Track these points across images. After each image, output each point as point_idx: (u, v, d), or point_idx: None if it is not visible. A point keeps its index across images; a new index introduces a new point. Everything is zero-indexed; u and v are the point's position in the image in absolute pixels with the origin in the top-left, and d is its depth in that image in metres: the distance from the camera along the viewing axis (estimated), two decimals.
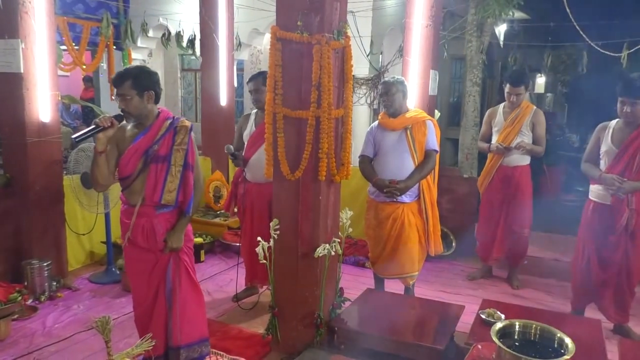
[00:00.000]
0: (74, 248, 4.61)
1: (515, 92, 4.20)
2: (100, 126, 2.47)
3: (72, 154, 4.27)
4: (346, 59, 3.01)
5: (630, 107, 3.22)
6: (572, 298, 3.71)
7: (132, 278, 2.77)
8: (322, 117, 2.86)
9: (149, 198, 2.58)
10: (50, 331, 3.50)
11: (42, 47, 3.97)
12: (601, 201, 3.46)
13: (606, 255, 3.44)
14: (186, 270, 2.71)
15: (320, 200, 3.00)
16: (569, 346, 2.18)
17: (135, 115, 2.57)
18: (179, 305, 2.66)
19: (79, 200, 4.26)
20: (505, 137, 4.26)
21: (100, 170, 2.55)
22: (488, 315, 3.02)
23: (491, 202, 4.44)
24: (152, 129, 2.60)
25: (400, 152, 3.52)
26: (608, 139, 3.43)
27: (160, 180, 2.57)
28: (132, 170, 2.57)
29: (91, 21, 6.96)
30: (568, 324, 2.93)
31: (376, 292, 3.71)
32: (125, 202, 2.66)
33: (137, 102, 2.54)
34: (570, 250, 5.01)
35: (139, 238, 2.62)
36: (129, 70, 2.58)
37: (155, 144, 2.57)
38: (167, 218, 2.63)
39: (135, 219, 2.58)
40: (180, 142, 2.59)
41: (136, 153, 2.57)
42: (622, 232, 3.37)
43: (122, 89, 2.52)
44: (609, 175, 3.33)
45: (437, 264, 4.87)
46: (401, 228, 3.55)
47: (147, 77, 2.57)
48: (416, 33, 4.62)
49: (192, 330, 2.73)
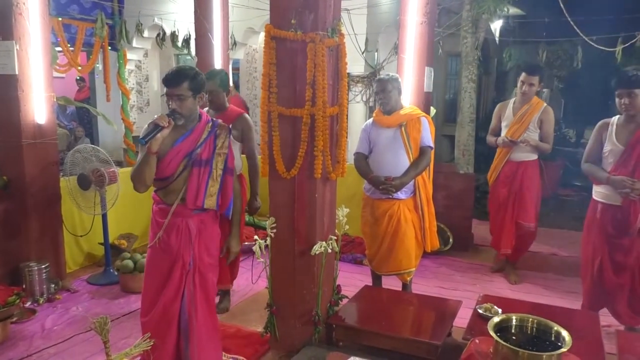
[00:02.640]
0: (71, 250, 4.61)
1: (529, 80, 4.21)
2: (159, 126, 2.42)
3: (69, 155, 4.27)
4: (340, 57, 3.01)
5: (628, 98, 3.16)
6: (584, 302, 3.55)
7: (146, 281, 2.67)
8: (317, 115, 2.87)
9: (192, 202, 2.55)
10: (49, 333, 3.50)
11: (37, 49, 3.97)
12: (610, 202, 3.29)
13: (620, 259, 3.30)
14: (204, 293, 2.62)
15: (317, 198, 3.01)
16: (566, 339, 2.20)
17: (187, 117, 2.53)
18: (196, 334, 2.58)
19: (76, 202, 4.26)
20: (514, 133, 4.29)
21: (150, 170, 2.48)
22: (485, 310, 3.03)
23: (498, 196, 4.47)
24: (195, 131, 2.57)
25: (396, 149, 3.53)
26: (612, 137, 3.29)
27: (202, 185, 2.55)
28: (172, 171, 2.53)
29: (86, 22, 6.95)
30: (565, 317, 2.95)
31: (373, 289, 3.72)
32: (160, 201, 2.60)
33: (190, 104, 2.50)
34: (568, 245, 5.07)
35: (172, 238, 2.56)
36: (185, 70, 2.52)
37: (198, 148, 2.55)
38: (202, 219, 2.61)
39: (170, 218, 2.55)
40: (221, 146, 2.59)
41: (178, 155, 2.53)
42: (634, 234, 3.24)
43: (179, 89, 2.46)
44: (619, 178, 3.18)
45: (434, 260, 4.89)
46: (397, 224, 3.56)
47: (202, 79, 2.55)
48: (411, 30, 4.62)
49: (211, 356, 2.68)
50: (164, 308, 2.55)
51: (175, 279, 2.56)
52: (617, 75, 3.26)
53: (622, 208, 3.25)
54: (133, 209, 5.01)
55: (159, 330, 2.51)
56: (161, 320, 2.56)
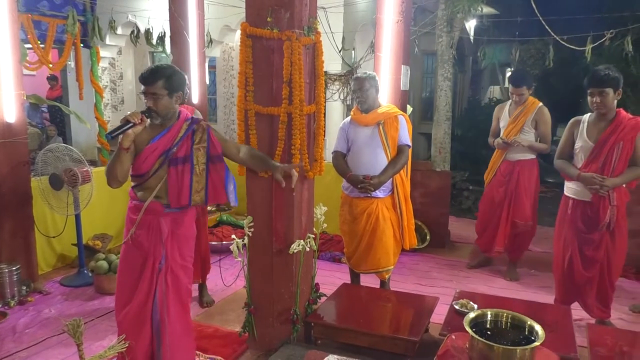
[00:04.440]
0: (44, 251, 4.51)
1: (517, 92, 4.32)
2: (131, 122, 2.40)
3: (40, 154, 4.18)
4: (317, 55, 3.01)
5: (599, 96, 3.23)
6: (557, 297, 3.64)
7: (119, 278, 2.64)
8: (294, 114, 2.86)
9: (175, 202, 2.53)
10: (21, 336, 3.42)
11: (5, 46, 3.87)
12: (580, 198, 3.37)
13: (589, 254, 3.39)
14: (177, 294, 2.60)
15: (294, 197, 3.00)
16: (539, 333, 2.25)
17: (163, 115, 2.51)
18: (169, 334, 2.57)
19: (48, 202, 4.17)
20: (508, 134, 4.36)
21: (123, 167, 2.47)
22: (461, 305, 3.07)
23: (493, 196, 4.52)
24: (172, 130, 2.55)
25: (373, 148, 3.55)
26: (583, 134, 3.37)
27: (185, 183, 2.52)
28: (148, 168, 2.52)
29: (57, 18, 6.79)
30: (538, 312, 3.02)
31: (352, 287, 3.73)
32: (135, 197, 2.59)
33: (166, 102, 2.48)
34: (542, 241, 5.16)
35: (144, 235, 2.54)
36: (162, 68, 2.50)
37: (174, 146, 2.53)
38: (175, 218, 2.59)
39: (142, 215, 2.53)
40: (199, 141, 2.56)
41: (154, 153, 2.51)
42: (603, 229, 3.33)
43: (154, 87, 2.45)
44: (589, 174, 3.26)
45: (411, 257, 4.94)
46: (376, 223, 3.58)
47: (179, 78, 2.53)
48: (387, 29, 4.65)
49: (184, 355, 2.68)
50: (138, 307, 2.54)
51: (147, 277, 2.55)
52: (589, 74, 3.32)
53: (592, 204, 3.33)
54: (107, 209, 4.92)
55: (133, 329, 2.50)
56: (135, 319, 2.54)
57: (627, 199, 3.38)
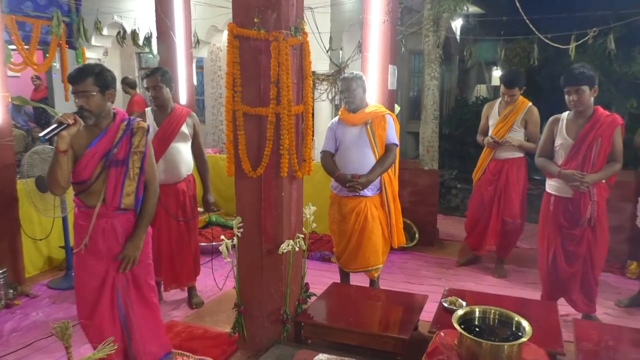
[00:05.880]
0: (30, 254, 4.47)
1: (509, 93, 4.35)
2: (64, 123, 2.35)
3: (26, 157, 4.13)
4: (304, 55, 3.01)
5: (576, 95, 3.28)
6: (543, 293, 3.70)
7: (78, 289, 2.61)
8: (282, 114, 2.87)
9: (110, 202, 2.52)
10: (8, 340, 3.39)
11: None
12: (562, 195, 3.43)
13: (571, 249, 3.45)
14: (137, 289, 2.63)
15: (283, 197, 3.01)
16: (526, 329, 2.28)
17: (96, 114, 2.47)
18: (137, 329, 2.60)
19: (35, 205, 4.13)
20: (497, 132, 4.39)
21: (62, 171, 2.42)
22: (450, 303, 3.10)
23: (482, 194, 4.56)
24: (110, 131, 2.52)
25: (361, 147, 3.56)
26: (563, 131, 3.43)
27: (119, 185, 2.51)
28: (89, 174, 2.48)
29: (41, 19, 6.73)
30: (525, 308, 3.05)
31: (341, 286, 3.75)
32: (81, 204, 2.56)
33: (98, 100, 2.45)
34: (528, 237, 5.21)
35: (99, 241, 2.53)
36: (89, 66, 2.49)
37: (114, 148, 2.50)
38: (128, 217, 2.58)
39: (95, 220, 2.51)
40: (138, 145, 2.54)
41: (94, 157, 2.48)
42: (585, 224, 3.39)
43: (84, 85, 2.42)
44: (569, 171, 3.31)
45: (400, 256, 4.96)
46: (365, 222, 3.60)
47: (108, 75, 2.50)
48: (374, 29, 4.67)
49: (157, 350, 2.71)
50: (103, 311, 2.55)
51: (109, 283, 2.56)
52: (565, 72, 3.37)
53: (573, 200, 3.39)
54: None
55: (106, 332, 2.49)
56: (102, 324, 2.55)
57: (606, 194, 3.44)
